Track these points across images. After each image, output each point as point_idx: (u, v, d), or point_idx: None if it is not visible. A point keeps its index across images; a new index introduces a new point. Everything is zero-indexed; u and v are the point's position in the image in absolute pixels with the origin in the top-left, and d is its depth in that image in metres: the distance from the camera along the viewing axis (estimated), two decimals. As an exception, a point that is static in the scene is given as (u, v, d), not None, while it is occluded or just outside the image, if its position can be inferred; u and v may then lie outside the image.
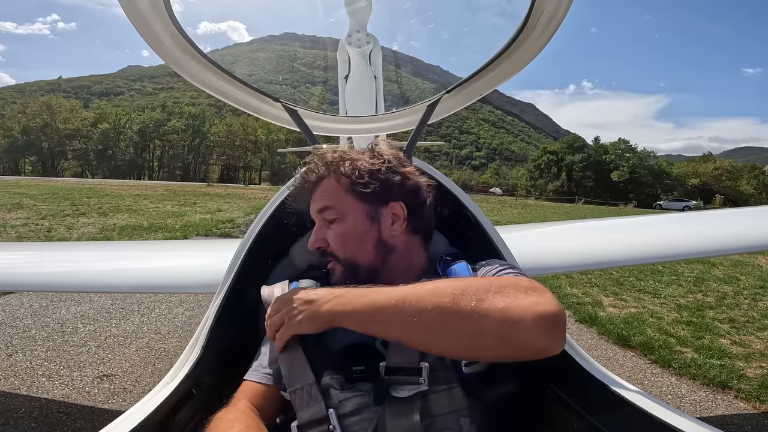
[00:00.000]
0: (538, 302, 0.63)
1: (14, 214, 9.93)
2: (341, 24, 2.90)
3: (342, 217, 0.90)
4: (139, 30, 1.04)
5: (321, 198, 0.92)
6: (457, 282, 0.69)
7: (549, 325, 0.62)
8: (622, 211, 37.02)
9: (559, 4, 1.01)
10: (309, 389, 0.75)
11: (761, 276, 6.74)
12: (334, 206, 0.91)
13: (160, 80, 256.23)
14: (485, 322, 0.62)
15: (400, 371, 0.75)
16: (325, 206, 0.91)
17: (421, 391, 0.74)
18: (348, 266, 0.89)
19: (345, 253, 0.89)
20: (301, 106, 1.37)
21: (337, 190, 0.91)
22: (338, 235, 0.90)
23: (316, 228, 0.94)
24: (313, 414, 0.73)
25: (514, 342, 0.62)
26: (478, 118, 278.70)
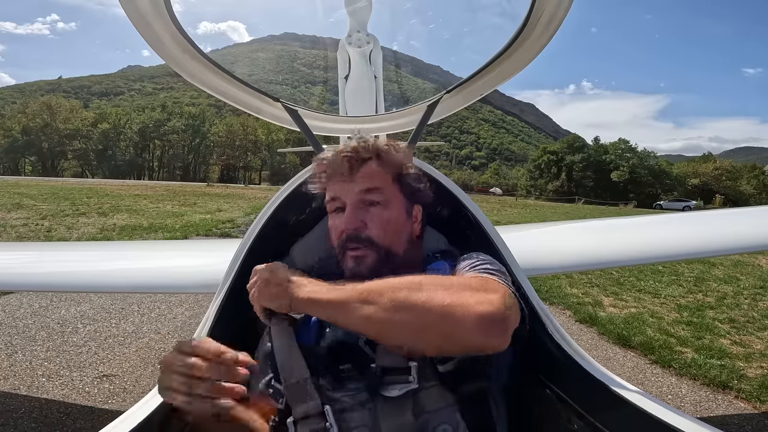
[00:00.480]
0: (481, 302, 0.66)
1: (14, 214, 9.93)
2: (341, 24, 2.90)
3: (386, 203, 0.91)
4: (140, 30, 1.04)
5: (367, 179, 0.90)
6: (414, 278, 0.72)
7: (488, 325, 0.65)
8: (622, 211, 37.02)
9: (559, 4, 1.01)
10: (304, 384, 0.75)
11: (761, 276, 6.74)
12: (382, 190, 0.91)
13: (160, 80, 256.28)
14: (429, 317, 0.65)
15: (389, 371, 0.75)
16: (374, 187, 0.90)
17: (411, 389, 0.74)
18: (383, 253, 0.88)
19: (384, 240, 0.88)
20: (301, 106, 1.37)
21: (384, 175, 0.92)
22: (381, 220, 0.89)
23: (353, 209, 0.89)
24: (309, 409, 0.73)
25: (454, 338, 0.66)
26: (478, 118, 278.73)
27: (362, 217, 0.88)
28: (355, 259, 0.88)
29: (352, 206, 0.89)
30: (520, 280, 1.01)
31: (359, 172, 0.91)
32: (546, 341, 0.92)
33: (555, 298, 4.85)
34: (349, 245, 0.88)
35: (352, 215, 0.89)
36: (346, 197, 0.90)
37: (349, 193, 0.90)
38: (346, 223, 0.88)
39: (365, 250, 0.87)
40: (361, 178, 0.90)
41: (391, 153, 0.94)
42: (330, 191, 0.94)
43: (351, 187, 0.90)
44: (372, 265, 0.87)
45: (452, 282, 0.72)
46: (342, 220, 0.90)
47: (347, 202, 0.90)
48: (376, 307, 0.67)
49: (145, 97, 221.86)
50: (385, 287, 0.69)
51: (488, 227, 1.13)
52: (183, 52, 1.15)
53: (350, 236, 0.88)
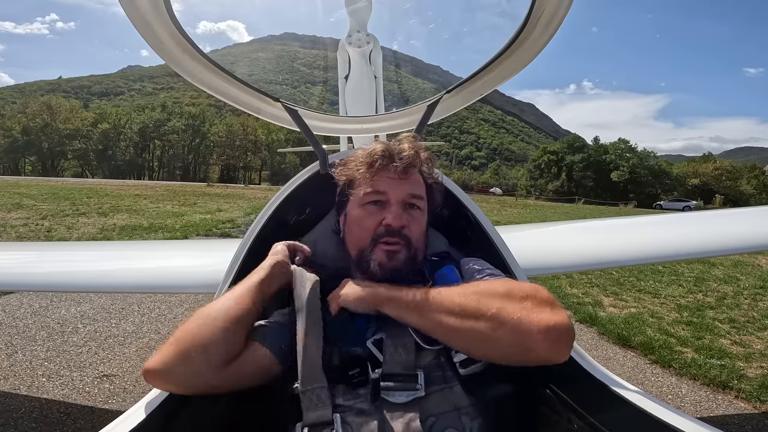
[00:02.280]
0: (551, 317, 0.70)
1: (14, 214, 9.93)
2: (341, 24, 2.90)
3: (423, 212, 0.97)
4: (140, 30, 1.04)
5: (415, 186, 0.96)
6: (482, 285, 0.79)
7: (556, 337, 0.68)
8: (622, 211, 37.01)
9: (559, 4, 1.01)
10: (320, 392, 0.76)
11: (761, 276, 6.74)
12: (424, 197, 0.98)
13: (160, 80, 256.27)
14: (501, 329, 0.70)
15: (396, 377, 0.76)
16: (420, 195, 0.96)
17: (418, 396, 0.76)
18: (413, 254, 0.93)
19: (417, 242, 0.94)
20: (301, 106, 1.37)
21: (422, 184, 0.99)
22: (419, 225, 0.95)
23: (399, 209, 0.92)
24: (320, 417, 0.74)
25: (524, 350, 0.69)
26: (478, 118, 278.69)
27: (406, 217, 0.93)
28: (388, 253, 0.90)
29: (399, 204, 0.92)
30: (520, 280, 1.01)
31: (410, 176, 0.95)
32: None
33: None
34: (386, 239, 0.91)
35: (399, 213, 0.92)
36: (393, 195, 0.93)
37: (398, 191, 0.93)
38: (394, 218, 0.91)
39: (401, 246, 0.91)
40: (411, 182, 0.95)
41: (432, 167, 1.01)
42: (374, 184, 0.93)
43: (402, 187, 0.93)
44: (403, 261, 0.90)
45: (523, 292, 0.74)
46: (383, 216, 0.92)
47: (393, 199, 0.93)
48: (447, 313, 0.74)
49: (145, 97, 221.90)
50: (455, 294, 0.76)
51: (488, 227, 1.13)
52: (183, 52, 1.15)
53: (392, 231, 0.91)
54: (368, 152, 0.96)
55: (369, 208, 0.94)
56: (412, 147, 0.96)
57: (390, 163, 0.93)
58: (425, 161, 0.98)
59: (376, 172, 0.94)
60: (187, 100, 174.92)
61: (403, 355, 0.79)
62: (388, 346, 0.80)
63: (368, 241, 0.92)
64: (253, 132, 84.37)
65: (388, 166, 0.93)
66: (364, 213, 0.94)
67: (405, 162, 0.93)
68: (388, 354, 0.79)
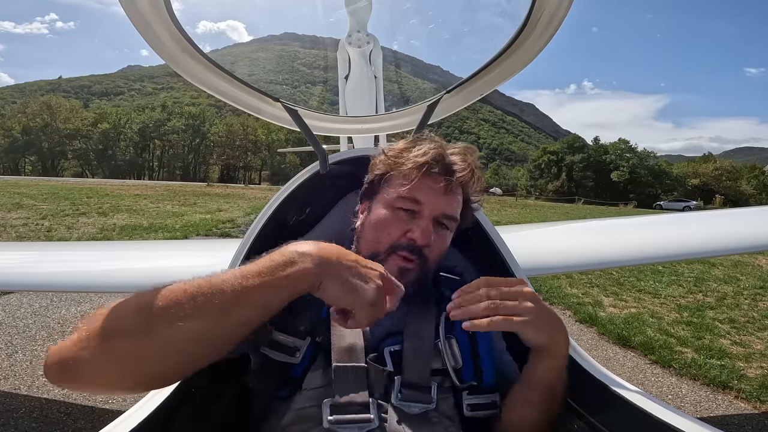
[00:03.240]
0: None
1: (14, 214, 9.92)
2: (341, 24, 2.90)
3: (451, 233, 0.90)
4: (139, 30, 1.04)
5: (455, 206, 0.88)
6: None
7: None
8: (622, 211, 37.01)
9: (559, 4, 1.01)
10: (357, 372, 0.75)
11: (761, 276, 6.73)
12: (457, 220, 0.90)
13: (160, 80, 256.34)
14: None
15: (413, 387, 0.76)
16: (455, 217, 0.88)
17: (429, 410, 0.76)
18: (425, 274, 0.86)
19: (434, 264, 0.88)
20: (301, 106, 1.37)
21: (459, 206, 0.90)
22: (441, 246, 0.88)
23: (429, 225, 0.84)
24: (355, 398, 0.72)
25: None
26: (478, 118, 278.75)
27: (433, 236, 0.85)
28: (401, 269, 0.83)
29: (430, 221, 0.84)
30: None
31: (453, 193, 0.86)
32: None
33: (555, 298, 4.85)
34: (405, 253, 0.83)
35: (428, 231, 0.83)
36: (429, 208, 0.84)
37: (435, 206, 0.84)
38: (422, 235, 0.82)
39: (416, 264, 0.83)
40: (452, 200, 0.87)
41: (476, 191, 0.92)
42: (413, 190, 0.84)
43: (442, 202, 0.85)
44: (414, 280, 0.84)
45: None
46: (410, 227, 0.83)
47: (427, 213, 0.84)
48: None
49: (145, 97, 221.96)
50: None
51: (488, 227, 1.13)
52: (183, 52, 1.15)
53: (413, 247, 0.83)
54: (421, 151, 0.85)
55: (398, 213, 0.85)
56: (468, 163, 0.88)
57: (440, 173, 0.84)
58: (476, 181, 0.90)
59: (422, 177, 0.84)
60: (187, 100, 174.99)
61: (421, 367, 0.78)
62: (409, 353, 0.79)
63: (386, 247, 0.84)
64: (253, 132, 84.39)
65: (436, 176, 0.84)
66: (392, 216, 0.85)
67: (458, 178, 0.86)
68: (407, 362, 0.78)
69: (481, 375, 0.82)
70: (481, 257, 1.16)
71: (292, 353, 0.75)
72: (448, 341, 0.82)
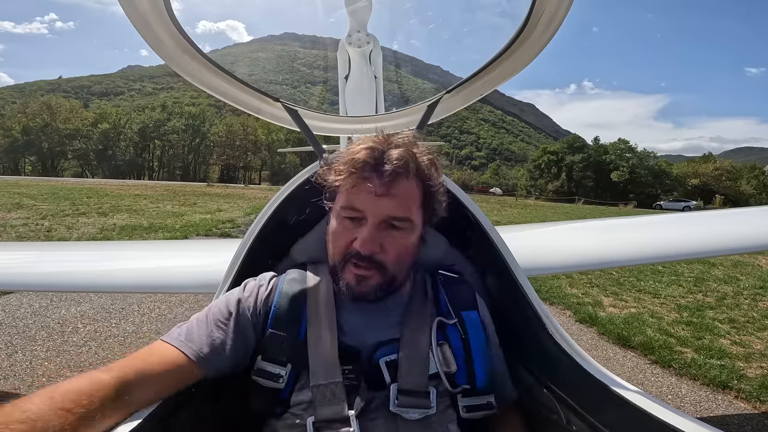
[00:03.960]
0: None
1: (14, 214, 9.92)
2: (341, 24, 2.91)
3: (411, 230, 0.84)
4: (139, 30, 1.04)
5: (402, 204, 0.81)
6: None
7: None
8: (622, 211, 37.00)
9: (559, 3, 1.01)
10: (335, 388, 0.76)
11: (761, 276, 6.73)
12: (412, 219, 0.83)
13: (160, 80, 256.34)
14: None
15: (411, 393, 0.77)
16: (406, 218, 0.82)
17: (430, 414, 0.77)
18: (389, 279, 0.83)
19: (395, 266, 0.83)
20: (301, 106, 1.36)
21: (417, 199, 0.84)
22: (400, 248, 0.83)
23: (374, 229, 0.80)
24: (336, 413, 0.74)
25: None
26: (478, 118, 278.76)
27: (381, 240, 0.80)
28: (357, 277, 0.82)
29: (374, 227, 0.80)
30: (520, 280, 1.01)
31: (396, 191, 0.80)
32: (546, 341, 0.92)
33: (555, 298, 4.85)
34: (355, 261, 0.81)
35: (373, 237, 0.79)
36: (371, 213, 0.80)
37: (376, 211, 0.80)
38: (363, 243, 0.79)
39: (372, 271, 0.81)
40: (396, 199, 0.80)
41: (432, 174, 0.85)
42: (352, 199, 0.81)
43: (381, 205, 0.80)
44: (374, 287, 0.82)
45: None
46: (356, 235, 0.81)
47: (370, 218, 0.80)
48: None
49: (145, 97, 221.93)
50: None
51: (488, 227, 1.13)
52: (183, 52, 1.15)
53: (361, 255, 0.80)
54: (351, 157, 0.81)
55: (344, 223, 0.83)
56: (404, 152, 0.80)
57: (372, 173, 0.79)
58: (422, 168, 0.83)
59: (356, 182, 0.80)
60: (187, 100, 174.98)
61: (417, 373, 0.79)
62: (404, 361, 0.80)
63: (339, 258, 0.84)
64: (253, 132, 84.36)
65: (370, 178, 0.79)
66: (340, 227, 0.84)
67: (388, 175, 0.78)
68: (403, 370, 0.79)
69: (474, 378, 0.83)
70: (481, 257, 1.16)
71: (276, 379, 0.80)
72: (441, 347, 0.83)
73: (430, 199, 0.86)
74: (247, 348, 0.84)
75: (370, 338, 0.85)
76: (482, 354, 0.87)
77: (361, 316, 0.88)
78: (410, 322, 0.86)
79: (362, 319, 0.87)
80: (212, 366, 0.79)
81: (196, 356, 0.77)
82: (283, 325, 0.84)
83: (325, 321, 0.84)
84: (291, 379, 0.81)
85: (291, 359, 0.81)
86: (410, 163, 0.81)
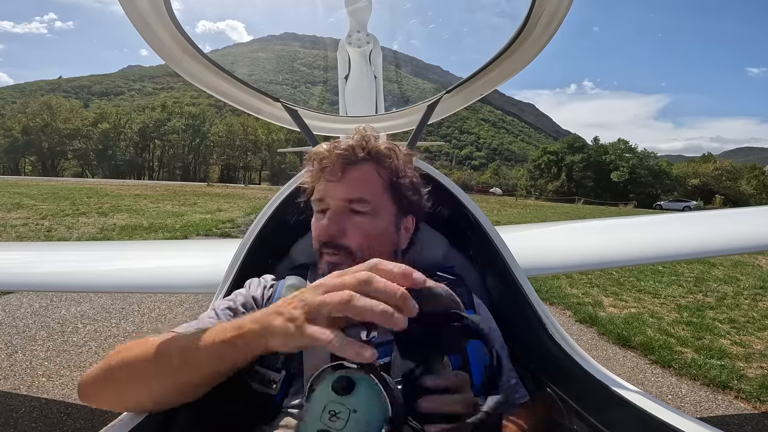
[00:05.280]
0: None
1: (14, 214, 9.92)
2: (341, 24, 2.92)
3: (374, 213, 0.85)
4: (140, 30, 1.04)
5: (357, 186, 0.84)
6: None
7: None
8: (622, 211, 37.01)
9: (559, 4, 1.01)
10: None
11: (761, 276, 6.73)
12: (370, 200, 0.84)
13: (160, 80, 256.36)
14: None
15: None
16: (361, 198, 0.83)
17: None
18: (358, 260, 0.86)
19: (364, 252, 0.83)
20: (301, 106, 1.37)
21: (376, 182, 0.86)
22: (363, 230, 0.83)
23: (335, 214, 0.83)
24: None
25: None
26: (478, 118, 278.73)
27: (343, 225, 0.83)
28: (330, 265, 0.83)
29: (333, 212, 0.84)
30: (520, 280, 1.01)
31: (350, 175, 0.84)
32: (546, 341, 0.92)
33: (555, 298, 4.85)
34: (325, 250, 0.84)
35: (332, 222, 0.83)
36: (330, 200, 0.84)
37: (333, 195, 0.84)
38: (320, 229, 0.84)
39: (341, 257, 0.83)
40: (350, 182, 0.84)
41: (389, 157, 0.87)
42: (318, 190, 0.87)
43: (337, 189, 0.84)
44: None
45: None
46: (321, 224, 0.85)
47: (330, 205, 0.84)
48: None
49: (145, 97, 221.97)
50: None
51: (488, 227, 1.13)
52: (183, 52, 1.15)
53: (325, 242, 0.84)
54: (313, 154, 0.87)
55: (317, 216, 0.88)
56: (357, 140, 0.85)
57: (329, 164, 0.84)
58: (378, 152, 0.86)
59: (318, 175, 0.86)
60: (187, 100, 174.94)
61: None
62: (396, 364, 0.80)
63: (317, 250, 0.87)
64: (253, 132, 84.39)
65: (328, 168, 0.84)
66: (315, 221, 0.88)
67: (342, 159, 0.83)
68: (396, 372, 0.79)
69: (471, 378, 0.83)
70: (481, 257, 1.16)
71: (269, 385, 0.80)
72: None
73: (395, 184, 0.87)
74: None
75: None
76: (479, 356, 0.86)
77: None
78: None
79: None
80: None
81: None
82: None
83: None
84: (284, 385, 0.81)
85: (285, 365, 0.82)
86: (358, 149, 0.84)
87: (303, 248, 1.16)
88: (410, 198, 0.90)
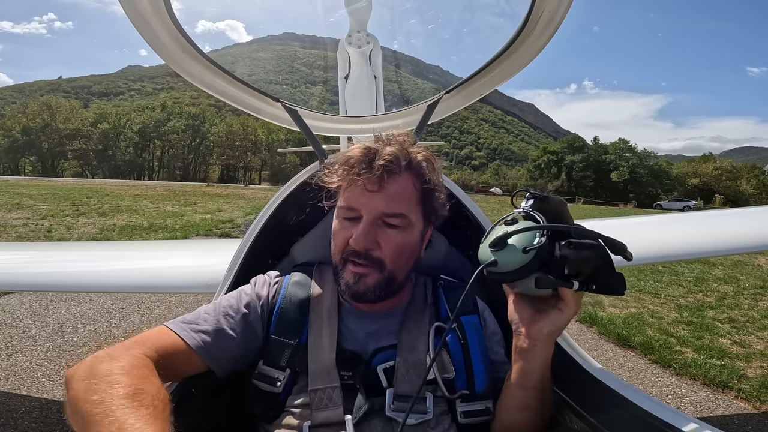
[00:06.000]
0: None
1: (14, 214, 9.92)
2: (341, 24, 2.91)
3: (406, 226, 0.83)
4: (139, 30, 1.04)
5: (397, 201, 0.81)
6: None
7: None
8: (622, 211, 37.00)
9: (559, 3, 1.01)
10: (332, 392, 0.77)
11: (761, 276, 6.73)
12: (407, 215, 0.82)
13: (160, 80, 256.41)
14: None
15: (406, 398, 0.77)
16: (398, 213, 0.81)
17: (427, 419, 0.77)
18: (388, 278, 0.82)
19: (394, 265, 0.82)
20: (301, 106, 1.37)
21: (413, 195, 0.83)
22: (397, 245, 0.81)
23: (369, 226, 0.80)
24: (330, 417, 0.75)
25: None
26: (478, 118, 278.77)
27: (377, 237, 0.80)
28: (356, 275, 0.81)
29: (368, 223, 0.80)
30: None
31: (389, 187, 0.80)
32: None
33: (555, 298, 4.84)
34: (353, 259, 0.82)
35: (368, 233, 0.79)
36: (365, 211, 0.80)
37: (370, 207, 0.80)
38: (356, 240, 0.79)
39: (370, 269, 0.81)
40: (390, 196, 0.80)
41: (428, 170, 0.85)
42: (348, 198, 0.83)
43: (375, 201, 0.80)
44: (372, 285, 0.82)
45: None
46: (353, 233, 0.81)
47: (365, 218, 0.80)
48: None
49: (145, 97, 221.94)
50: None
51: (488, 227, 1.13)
52: (183, 52, 1.15)
53: (357, 253, 0.81)
54: (346, 157, 0.83)
55: (344, 223, 0.84)
56: (396, 149, 0.81)
57: (366, 171, 0.79)
58: (416, 164, 0.83)
59: (352, 181, 0.81)
60: (187, 100, 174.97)
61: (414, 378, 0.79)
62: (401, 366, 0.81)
63: (339, 257, 0.84)
64: (253, 132, 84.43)
65: (365, 177, 0.79)
66: (339, 226, 0.85)
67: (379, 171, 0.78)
68: (399, 375, 0.80)
69: (473, 383, 0.83)
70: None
71: (274, 383, 0.81)
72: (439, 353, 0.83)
73: (428, 197, 0.86)
74: (253, 344, 0.84)
75: (370, 344, 0.85)
76: (482, 359, 0.86)
77: (362, 322, 0.88)
78: (409, 328, 0.87)
79: (363, 325, 0.88)
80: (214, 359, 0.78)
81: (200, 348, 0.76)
82: (285, 330, 0.85)
83: (327, 326, 0.84)
84: (289, 383, 0.82)
85: (290, 363, 0.82)
86: (402, 159, 0.81)
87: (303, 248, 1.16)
88: (438, 211, 0.89)
